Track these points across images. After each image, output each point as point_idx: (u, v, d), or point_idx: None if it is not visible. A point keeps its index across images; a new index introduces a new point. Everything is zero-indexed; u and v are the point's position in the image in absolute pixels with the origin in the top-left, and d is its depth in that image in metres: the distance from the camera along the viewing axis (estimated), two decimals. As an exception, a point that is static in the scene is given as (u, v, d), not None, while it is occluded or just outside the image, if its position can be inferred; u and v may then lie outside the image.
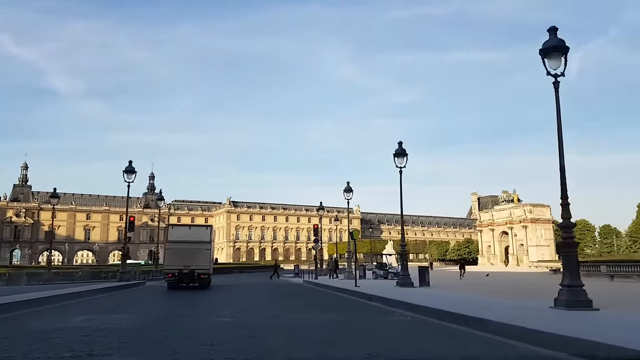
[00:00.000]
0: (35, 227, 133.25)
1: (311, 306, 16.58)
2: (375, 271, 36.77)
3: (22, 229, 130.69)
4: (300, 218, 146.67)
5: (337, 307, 16.02)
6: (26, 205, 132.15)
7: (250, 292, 25.24)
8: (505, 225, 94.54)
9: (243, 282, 36.77)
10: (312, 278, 36.84)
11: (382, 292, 19.74)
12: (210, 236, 26.77)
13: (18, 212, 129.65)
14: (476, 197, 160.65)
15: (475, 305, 13.26)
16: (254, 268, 75.77)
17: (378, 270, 36.07)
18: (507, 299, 17.14)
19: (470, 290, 23.71)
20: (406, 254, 25.03)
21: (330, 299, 19.76)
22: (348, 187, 35.33)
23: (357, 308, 15.58)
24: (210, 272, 27.67)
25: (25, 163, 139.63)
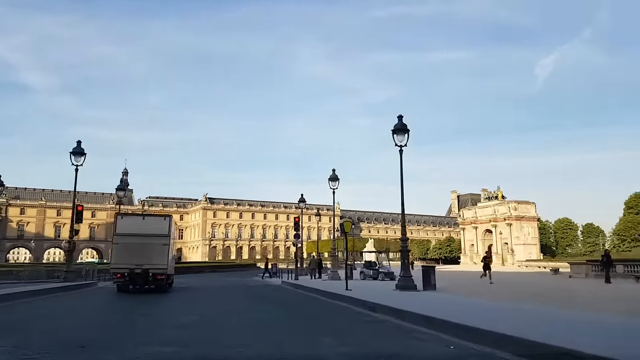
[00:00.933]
0: (2, 224, 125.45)
1: (295, 323, 11.69)
2: (363, 271, 31.96)
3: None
4: (279, 215, 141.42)
5: (332, 323, 11.26)
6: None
7: (217, 298, 20.32)
8: (489, 223, 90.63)
9: (213, 284, 31.72)
10: (292, 278, 31.92)
11: (383, 298, 15.10)
12: (169, 228, 21.68)
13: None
14: (456, 195, 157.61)
15: (537, 320, 8.63)
16: (229, 267, 70.35)
17: (367, 269, 31.33)
18: (567, 309, 12.47)
19: (487, 294, 19.08)
20: (407, 251, 20.39)
21: (318, 308, 15.01)
22: (334, 175, 30.66)
23: (362, 325, 10.78)
24: (169, 272, 22.64)
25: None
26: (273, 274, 41.16)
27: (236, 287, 28.26)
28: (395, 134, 20.24)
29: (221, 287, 27.80)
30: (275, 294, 21.66)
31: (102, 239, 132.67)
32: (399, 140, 20.13)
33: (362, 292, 18.55)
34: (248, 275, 48.22)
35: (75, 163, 26.73)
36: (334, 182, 30.81)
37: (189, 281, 36.19)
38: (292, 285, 27.07)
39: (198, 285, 29.30)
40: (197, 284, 31.98)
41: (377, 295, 17.14)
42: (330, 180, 30.94)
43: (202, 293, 22.96)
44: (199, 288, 26.73)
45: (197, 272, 57.51)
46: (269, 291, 23.87)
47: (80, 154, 26.85)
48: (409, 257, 20.40)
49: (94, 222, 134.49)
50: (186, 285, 29.35)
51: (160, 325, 10.65)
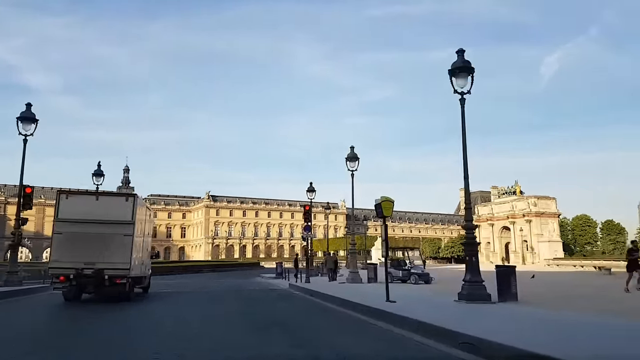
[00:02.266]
0: (0, 222, 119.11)
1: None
2: (390, 271, 25.23)
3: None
4: (283, 213, 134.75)
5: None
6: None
7: (197, 313, 13.68)
8: (506, 220, 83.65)
9: (206, 287, 25.35)
10: (302, 280, 25.31)
11: (461, 321, 8.79)
12: (133, 212, 15.10)
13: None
14: (464, 193, 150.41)
15: None
16: (231, 266, 63.57)
17: (395, 270, 24.73)
18: None
19: (593, 308, 12.47)
20: (475, 243, 13.92)
21: (364, 344, 8.28)
22: (352, 154, 24.25)
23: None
24: (137, 274, 16.18)
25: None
26: (278, 274, 34.59)
27: (232, 291, 21.75)
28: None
29: (213, 292, 21.25)
30: (282, 308, 15.07)
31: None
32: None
33: (412, 306, 12.08)
34: (250, 276, 41.64)
35: (24, 132, 20.37)
36: (352, 163, 24.39)
37: (180, 283, 29.78)
38: (303, 291, 20.52)
39: (187, 289, 22.87)
40: (187, 286, 25.57)
41: (441, 311, 10.86)
42: (349, 160, 24.53)
43: (182, 303, 16.43)
44: (185, 293, 20.20)
45: (195, 271, 51.02)
46: (274, 301, 17.26)
47: (31, 121, 20.44)
48: (477, 253, 13.82)
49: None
50: (172, 289, 22.95)
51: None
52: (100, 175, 30.15)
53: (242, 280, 33.97)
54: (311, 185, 35.19)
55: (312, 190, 34.94)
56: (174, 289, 22.77)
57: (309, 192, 35.11)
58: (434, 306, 12.69)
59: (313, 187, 35.13)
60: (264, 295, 20.09)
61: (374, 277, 24.33)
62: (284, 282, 28.63)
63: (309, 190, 35.04)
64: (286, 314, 13.22)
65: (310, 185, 35.23)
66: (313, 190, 34.89)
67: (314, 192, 34.86)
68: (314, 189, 35.05)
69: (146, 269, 18.88)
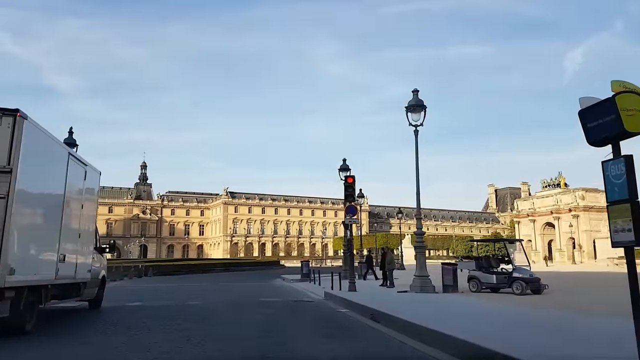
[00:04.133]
0: None
1: None
2: (475, 275, 16.56)
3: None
4: (303, 210, 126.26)
5: None
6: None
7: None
8: (550, 215, 73.89)
9: (203, 294, 17.15)
10: (341, 287, 16.81)
11: None
12: (15, 147, 6.72)
13: None
14: (493, 190, 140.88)
15: None
16: (248, 264, 54.74)
17: (484, 273, 16.22)
18: None
19: None
20: None
21: None
22: (419, 101, 15.83)
23: None
24: (70, 277, 8.30)
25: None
26: (304, 276, 26.22)
27: (238, 306, 13.36)
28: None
29: (203, 309, 12.79)
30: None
31: (120, 235, 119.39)
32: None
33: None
34: (268, 277, 33.32)
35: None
36: (416, 115, 16.11)
37: (171, 288, 21.74)
38: (353, 307, 12.19)
39: (168, 300, 14.54)
40: (174, 294, 17.41)
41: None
42: (409, 111, 16.23)
43: (127, 344, 7.97)
44: (152, 312, 11.83)
45: (205, 271, 42.70)
46: (311, 336, 8.77)
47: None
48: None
49: (112, 218, 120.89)
50: (146, 299, 14.81)
51: None
52: (71, 145, 21.93)
53: (258, 284, 25.68)
54: (344, 163, 27.01)
55: (346, 168, 26.69)
56: (147, 301, 14.50)
57: (341, 170, 26.87)
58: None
59: (347, 165, 26.94)
60: (291, 316, 11.64)
61: (452, 283, 15.74)
62: (313, 288, 20.22)
63: (342, 168, 26.78)
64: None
65: (343, 162, 27.05)
66: (347, 169, 26.63)
67: (348, 170, 26.60)
68: (348, 167, 26.80)
69: (88, 269, 10.68)
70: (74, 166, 9.56)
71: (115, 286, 24.03)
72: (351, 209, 16.11)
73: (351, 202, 15.95)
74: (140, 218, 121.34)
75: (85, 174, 10.29)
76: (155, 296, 16.93)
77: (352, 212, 16.16)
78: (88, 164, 10.64)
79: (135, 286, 24.15)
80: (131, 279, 33.30)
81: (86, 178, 10.33)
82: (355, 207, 16.13)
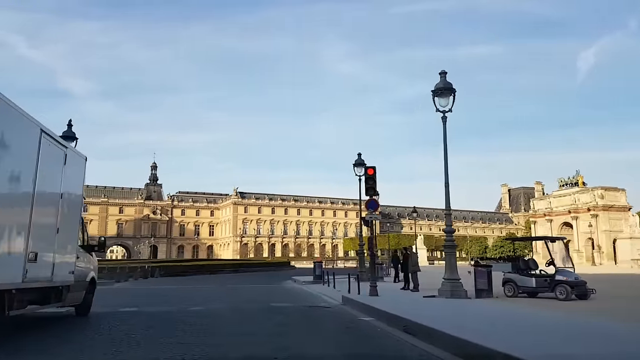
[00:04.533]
0: None
1: None
2: (511, 278, 14.73)
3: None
4: (313, 211, 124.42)
5: None
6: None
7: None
8: (567, 215, 71.35)
9: (206, 300, 15.39)
10: (362, 290, 15.13)
11: None
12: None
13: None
14: (507, 189, 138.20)
15: None
16: (258, 265, 52.88)
17: (521, 276, 14.47)
18: None
19: None
20: None
21: None
22: (447, 84, 14.08)
23: None
24: (45, 280, 7.44)
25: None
26: (316, 278, 24.55)
27: (245, 312, 11.72)
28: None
29: (206, 315, 11.14)
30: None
31: (130, 236, 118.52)
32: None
33: None
34: (278, 278, 31.66)
35: None
36: (443, 98, 14.38)
37: (175, 290, 20.23)
38: (378, 315, 10.44)
39: (168, 305, 12.92)
40: (182, 296, 15.81)
41: None
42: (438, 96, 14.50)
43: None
44: (156, 316, 10.25)
45: (213, 271, 41.15)
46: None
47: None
48: None
49: (122, 219, 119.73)
50: (144, 304, 13.23)
51: None
52: (71, 139, 20.37)
53: (267, 286, 24.04)
54: (359, 158, 25.43)
55: (361, 163, 25.02)
56: (145, 306, 12.89)
57: (356, 166, 25.22)
58: None
59: (362, 160, 25.31)
60: (308, 327, 9.97)
61: (486, 287, 13.98)
62: (328, 291, 18.52)
63: (357, 164, 25.14)
64: None
65: (358, 157, 25.46)
66: (362, 164, 24.94)
67: (363, 165, 24.87)
68: (364, 162, 25.14)
69: (70, 270, 9.08)
70: (49, 147, 7.93)
71: (118, 288, 22.52)
72: (372, 204, 14.32)
73: (372, 195, 14.18)
74: (150, 218, 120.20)
75: (66, 158, 8.66)
76: (156, 300, 15.35)
77: (374, 206, 14.37)
78: (69, 146, 9.04)
79: (138, 288, 22.63)
80: (137, 280, 31.85)
81: (66, 162, 8.69)
82: (377, 202, 14.35)
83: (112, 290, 20.02)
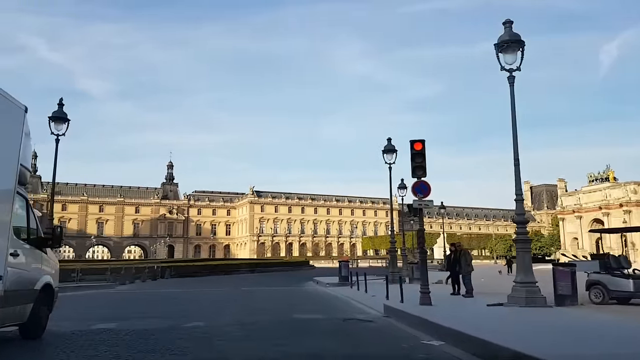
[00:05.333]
0: (43, 221, 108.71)
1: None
2: (599, 280, 11.40)
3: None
4: (330, 210, 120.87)
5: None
6: (34, 197, 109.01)
7: None
8: (598, 211, 67.13)
9: (217, 312, 12.30)
10: (408, 296, 11.83)
11: None
12: None
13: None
14: (529, 187, 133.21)
15: None
16: (276, 265, 49.45)
17: (611, 277, 11.15)
18: None
19: None
20: None
21: None
22: (514, 36, 10.63)
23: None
24: None
25: (34, 152, 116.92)
26: (342, 279, 21.30)
27: (260, 330, 8.55)
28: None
29: (209, 337, 7.97)
30: None
31: (147, 236, 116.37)
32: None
33: None
34: (298, 280, 28.50)
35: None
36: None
37: (183, 294, 17.14)
38: (457, 341, 7.06)
39: (175, 313, 9.83)
40: (182, 306, 12.71)
41: None
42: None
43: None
44: (135, 340, 7.07)
45: (228, 272, 38.07)
46: None
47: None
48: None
49: (138, 218, 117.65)
50: (136, 317, 10.03)
51: None
52: (62, 120, 17.42)
53: (287, 289, 20.86)
54: (389, 143, 22.18)
55: (391, 149, 21.76)
56: (128, 320, 9.76)
57: (386, 152, 21.91)
58: None
59: (392, 146, 22.02)
60: (348, 347, 6.78)
61: (570, 292, 10.66)
62: (360, 296, 15.32)
63: (387, 150, 21.83)
64: None
65: (388, 142, 22.20)
66: (393, 150, 21.72)
67: (393, 152, 21.68)
68: (394, 148, 21.89)
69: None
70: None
71: (116, 292, 19.55)
72: (422, 187, 10.99)
73: (420, 176, 10.91)
74: (167, 218, 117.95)
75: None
76: (151, 309, 12.29)
77: (424, 190, 11.00)
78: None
79: (140, 292, 19.61)
80: (144, 281, 28.92)
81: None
82: (427, 184, 11.05)
83: (106, 296, 17.07)
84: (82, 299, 15.29)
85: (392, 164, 21.42)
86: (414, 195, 11.08)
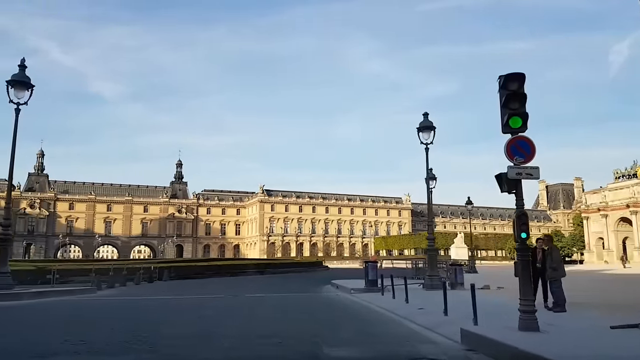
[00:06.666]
0: (50, 220, 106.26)
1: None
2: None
3: (37, 221, 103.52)
4: (342, 209, 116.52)
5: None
6: (41, 196, 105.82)
7: None
8: (625, 209, 62.09)
9: (196, 325, 7.97)
10: (482, 313, 7.63)
11: None
12: None
13: (32, 203, 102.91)
14: (544, 186, 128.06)
15: None
16: (286, 265, 44.68)
17: None
18: None
19: None
20: None
21: None
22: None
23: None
24: None
25: (41, 150, 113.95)
26: (369, 284, 17.01)
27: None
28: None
29: None
30: None
31: (155, 235, 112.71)
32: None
33: None
34: (313, 284, 24.25)
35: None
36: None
37: (172, 303, 12.86)
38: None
39: (138, 339, 5.67)
40: (149, 323, 8.47)
41: None
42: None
43: None
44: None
45: (234, 273, 33.73)
46: None
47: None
48: None
49: (147, 218, 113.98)
50: (90, 342, 5.71)
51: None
52: (23, 85, 13.37)
53: (302, 296, 16.61)
54: (426, 119, 18.04)
55: (428, 126, 17.69)
56: (60, 355, 5.57)
57: (421, 131, 17.78)
58: None
59: (430, 122, 17.95)
60: None
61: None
62: (400, 308, 11.05)
63: (423, 128, 17.70)
64: None
65: (425, 118, 18.02)
66: (431, 127, 17.66)
67: (431, 129, 17.64)
68: (432, 124, 17.83)
69: None
70: None
71: (90, 299, 15.38)
72: (521, 145, 6.66)
73: (518, 126, 6.66)
74: (175, 217, 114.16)
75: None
76: (95, 334, 8.10)
77: (524, 151, 6.79)
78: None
79: (115, 300, 15.38)
80: (138, 284, 24.77)
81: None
82: (530, 141, 6.80)
83: (68, 305, 12.94)
84: (22, 312, 11.25)
85: (429, 144, 17.32)
86: (508, 158, 6.83)
